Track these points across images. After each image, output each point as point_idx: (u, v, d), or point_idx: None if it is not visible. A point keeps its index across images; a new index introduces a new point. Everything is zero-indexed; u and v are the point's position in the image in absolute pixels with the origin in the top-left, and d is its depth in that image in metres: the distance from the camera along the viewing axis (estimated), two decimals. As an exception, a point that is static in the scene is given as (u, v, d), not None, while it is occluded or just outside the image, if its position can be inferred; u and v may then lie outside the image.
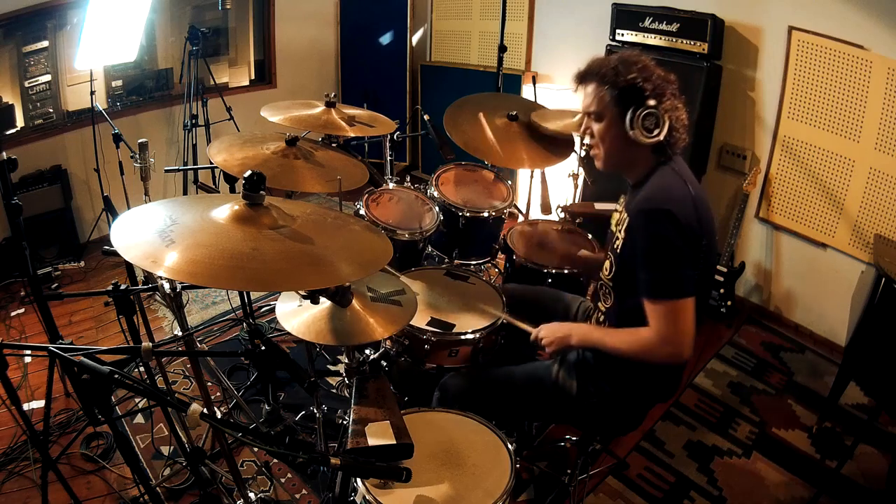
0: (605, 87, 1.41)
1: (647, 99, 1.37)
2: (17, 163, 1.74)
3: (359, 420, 1.28)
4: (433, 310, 1.84)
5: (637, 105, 1.38)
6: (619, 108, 1.40)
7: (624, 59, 1.42)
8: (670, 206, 1.32)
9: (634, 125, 1.38)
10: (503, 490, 1.27)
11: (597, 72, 1.44)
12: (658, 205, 1.34)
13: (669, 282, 1.33)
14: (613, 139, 1.44)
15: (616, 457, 2.19)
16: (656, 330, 1.35)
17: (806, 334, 3.02)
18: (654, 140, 1.38)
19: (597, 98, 1.44)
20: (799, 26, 2.67)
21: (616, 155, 1.48)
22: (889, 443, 2.31)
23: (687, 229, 1.32)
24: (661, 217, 1.32)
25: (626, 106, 1.39)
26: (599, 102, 1.44)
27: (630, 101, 1.39)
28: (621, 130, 1.40)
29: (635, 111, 1.38)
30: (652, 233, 1.34)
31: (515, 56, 3.85)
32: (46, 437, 1.97)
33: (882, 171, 2.56)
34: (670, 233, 1.31)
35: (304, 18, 4.27)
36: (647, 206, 1.36)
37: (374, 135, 2.25)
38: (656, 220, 1.33)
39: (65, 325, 2.81)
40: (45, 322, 1.92)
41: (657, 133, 1.38)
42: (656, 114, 1.37)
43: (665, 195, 1.36)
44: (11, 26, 2.94)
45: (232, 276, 1.07)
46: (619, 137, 1.42)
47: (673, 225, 1.31)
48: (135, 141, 2.36)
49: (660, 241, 1.33)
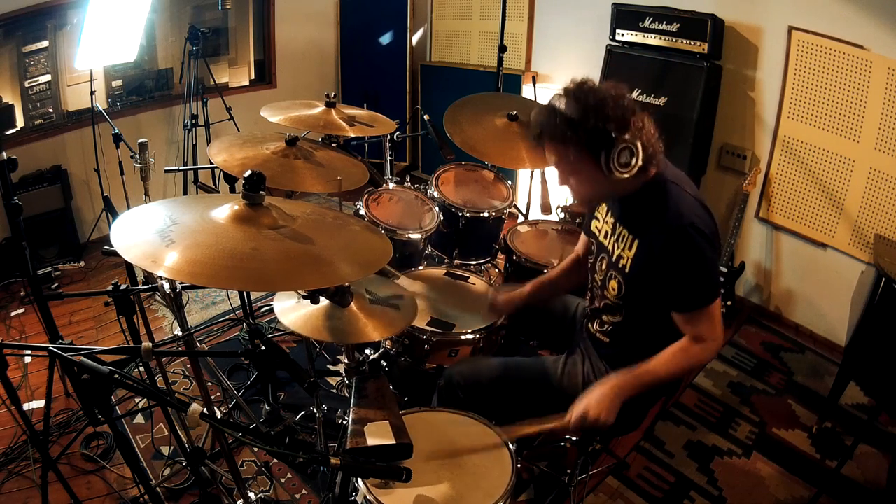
0: (568, 144, 1.33)
1: (614, 138, 1.29)
2: (17, 163, 1.73)
3: (358, 420, 1.28)
4: (433, 310, 1.84)
5: (607, 147, 1.30)
6: (590, 157, 1.32)
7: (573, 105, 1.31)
8: (692, 219, 1.33)
9: (612, 167, 1.31)
10: (503, 490, 1.27)
11: (552, 131, 1.34)
12: (682, 222, 1.33)
13: (707, 290, 1.37)
14: (595, 184, 1.38)
15: (616, 457, 2.19)
16: (701, 335, 1.38)
17: (806, 334, 3.02)
18: (634, 170, 1.32)
19: (562, 157, 1.37)
20: (799, 26, 2.66)
21: (602, 193, 1.47)
22: (889, 443, 2.31)
23: (711, 235, 1.35)
24: (688, 234, 1.32)
25: (597, 153, 1.31)
26: (567, 158, 1.36)
27: (599, 146, 1.30)
28: (599, 175, 1.33)
29: (608, 154, 1.30)
30: (684, 252, 1.33)
31: (515, 56, 3.85)
32: (46, 437, 1.97)
33: (882, 171, 2.56)
34: (701, 244, 1.33)
35: (304, 18, 4.27)
36: (671, 227, 1.34)
37: (374, 135, 2.26)
38: (686, 237, 1.32)
39: (65, 325, 2.80)
40: (45, 322, 1.92)
41: (635, 163, 1.31)
42: (628, 146, 1.30)
43: (682, 209, 1.35)
44: (11, 26, 2.94)
45: (232, 276, 1.07)
46: (600, 181, 1.35)
47: (701, 236, 1.32)
48: (135, 141, 2.37)
49: (694, 257, 1.34)
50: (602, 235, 1.57)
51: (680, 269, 1.35)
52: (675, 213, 1.36)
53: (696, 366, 1.43)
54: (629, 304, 1.49)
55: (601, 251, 1.57)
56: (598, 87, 1.33)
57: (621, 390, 1.39)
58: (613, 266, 1.50)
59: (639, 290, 1.45)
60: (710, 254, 1.35)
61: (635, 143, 1.30)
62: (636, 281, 1.44)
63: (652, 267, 1.39)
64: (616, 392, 1.39)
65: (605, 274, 1.54)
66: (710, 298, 1.37)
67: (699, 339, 1.39)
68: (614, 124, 1.28)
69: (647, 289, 1.43)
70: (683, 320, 1.40)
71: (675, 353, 1.41)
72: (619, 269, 1.47)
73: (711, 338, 1.39)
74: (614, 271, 1.50)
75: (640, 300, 1.47)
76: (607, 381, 1.42)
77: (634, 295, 1.47)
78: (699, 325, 1.38)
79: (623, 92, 1.33)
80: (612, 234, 1.52)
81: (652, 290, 1.42)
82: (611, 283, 1.51)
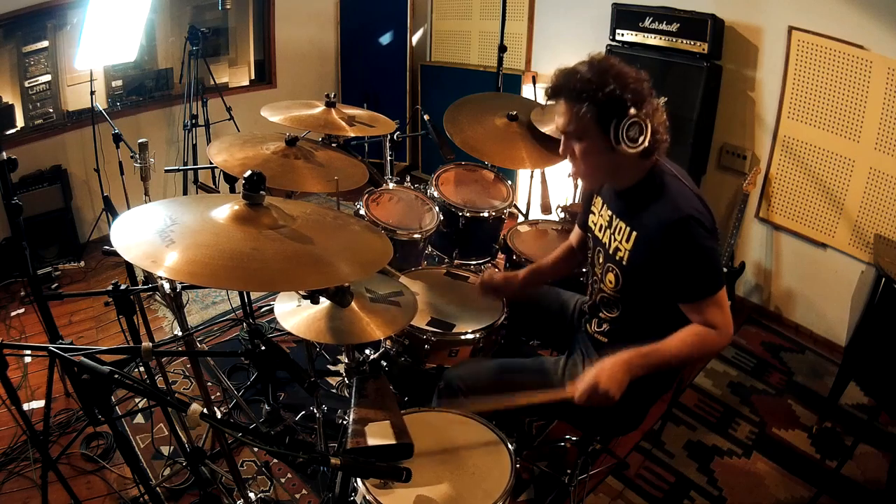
0: (583, 103, 1.33)
1: (628, 108, 1.30)
2: (17, 163, 1.73)
3: (359, 420, 1.28)
4: (433, 310, 1.84)
5: (619, 117, 1.30)
6: (601, 124, 1.32)
7: (596, 68, 1.33)
8: (691, 211, 1.34)
9: (620, 138, 1.31)
10: (503, 490, 1.27)
11: (570, 87, 1.34)
12: (681, 215, 1.34)
13: (711, 279, 1.37)
14: (599, 155, 1.38)
15: (616, 457, 2.19)
16: (713, 323, 1.38)
17: (806, 334, 3.02)
18: (640, 148, 1.32)
19: (575, 117, 1.36)
20: (799, 26, 2.66)
21: (602, 170, 1.45)
22: (889, 443, 2.31)
23: (710, 226, 1.36)
24: (688, 226, 1.33)
25: (608, 120, 1.31)
26: (579, 121, 1.35)
27: (612, 114, 1.31)
28: (605, 145, 1.34)
29: (618, 124, 1.31)
30: (685, 243, 1.34)
31: (515, 56, 3.85)
32: (46, 437, 1.97)
33: (882, 171, 2.56)
34: (701, 235, 1.33)
35: (304, 18, 4.27)
36: (671, 220, 1.34)
37: (374, 135, 2.26)
38: (686, 230, 1.33)
39: (65, 325, 2.80)
40: (45, 322, 1.92)
41: (642, 141, 1.32)
42: (639, 122, 1.31)
43: (680, 202, 1.36)
44: (11, 26, 2.94)
45: (232, 276, 1.07)
46: (604, 152, 1.36)
47: (702, 227, 1.33)
48: (135, 141, 2.37)
49: (695, 248, 1.34)
50: (598, 229, 1.57)
51: (683, 261, 1.35)
52: (673, 205, 1.36)
53: (709, 352, 1.41)
54: (626, 298, 1.50)
55: (597, 245, 1.57)
56: (623, 65, 1.35)
57: (631, 366, 1.35)
58: (610, 259, 1.50)
59: (636, 282, 1.46)
60: (710, 243, 1.35)
61: (646, 121, 1.31)
62: (634, 273, 1.45)
63: (651, 260, 1.40)
64: (627, 367, 1.35)
65: (602, 267, 1.54)
66: (715, 287, 1.37)
67: (716, 327, 1.39)
68: (631, 96, 1.30)
69: (645, 281, 1.43)
70: (692, 310, 1.40)
71: (688, 335, 1.38)
72: (617, 262, 1.48)
73: (722, 325, 1.38)
74: (612, 264, 1.50)
75: (637, 293, 1.47)
76: (619, 355, 1.37)
77: (632, 287, 1.47)
78: (708, 314, 1.38)
79: (644, 76, 1.36)
80: (608, 227, 1.53)
81: (651, 282, 1.42)
82: (608, 276, 1.52)
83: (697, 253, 1.35)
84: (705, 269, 1.37)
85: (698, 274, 1.37)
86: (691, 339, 1.38)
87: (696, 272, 1.37)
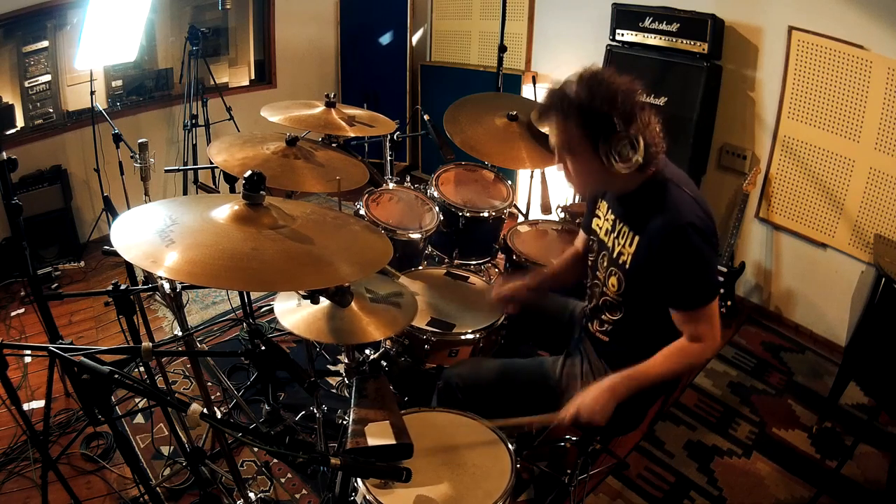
0: (569, 120, 1.33)
1: (616, 126, 1.28)
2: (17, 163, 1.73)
3: (359, 420, 1.28)
4: (433, 310, 1.84)
5: (608, 137, 1.29)
6: (590, 142, 1.32)
7: (584, 86, 1.31)
8: (692, 218, 1.33)
9: (609, 156, 1.30)
10: (503, 490, 1.27)
11: (557, 106, 1.35)
12: (679, 222, 1.33)
13: (705, 289, 1.37)
14: (591, 173, 1.38)
15: (616, 457, 2.19)
16: (699, 335, 1.38)
17: (806, 334, 3.02)
18: (633, 165, 1.31)
19: (563, 133, 1.36)
20: (799, 26, 2.66)
21: (595, 183, 1.47)
22: (889, 443, 2.31)
23: (709, 235, 1.35)
24: (687, 233, 1.32)
25: (596, 138, 1.30)
26: (567, 137, 1.36)
27: (599, 132, 1.30)
28: (596, 161, 1.33)
29: (607, 142, 1.30)
30: (682, 251, 1.34)
31: (515, 56, 3.85)
32: (46, 437, 1.97)
33: (882, 171, 2.56)
34: (699, 244, 1.33)
35: (304, 18, 4.27)
36: (671, 226, 1.34)
37: (374, 135, 2.26)
38: (684, 237, 1.32)
39: (65, 325, 2.80)
40: (45, 322, 1.92)
41: (635, 158, 1.30)
42: (630, 139, 1.29)
43: (679, 210, 1.35)
44: (11, 26, 2.94)
45: (232, 276, 1.07)
46: (595, 169, 1.35)
47: (699, 236, 1.33)
48: (135, 141, 2.37)
49: (692, 256, 1.34)
50: (603, 233, 1.57)
51: (678, 268, 1.35)
52: (673, 212, 1.36)
53: (693, 366, 1.42)
54: (629, 301, 1.50)
55: (602, 248, 1.57)
56: (614, 79, 1.32)
57: (615, 391, 1.39)
58: (614, 262, 1.50)
59: (638, 286, 1.46)
60: (707, 253, 1.35)
61: (638, 138, 1.30)
62: (636, 277, 1.45)
63: (651, 264, 1.39)
64: (610, 393, 1.38)
65: (606, 271, 1.54)
66: (707, 298, 1.37)
67: (697, 339, 1.39)
68: (620, 115, 1.28)
69: (646, 285, 1.43)
70: (681, 319, 1.40)
71: (671, 354, 1.41)
72: (620, 266, 1.48)
73: (709, 338, 1.39)
74: (615, 267, 1.50)
75: (639, 296, 1.47)
76: (603, 381, 1.41)
77: (634, 291, 1.47)
78: (697, 325, 1.38)
79: (636, 88, 1.33)
80: (612, 231, 1.53)
81: (651, 286, 1.42)
82: (611, 280, 1.52)
83: (693, 261, 1.35)
84: (699, 279, 1.37)
85: (692, 283, 1.37)
86: (676, 356, 1.40)
87: (689, 281, 1.36)
